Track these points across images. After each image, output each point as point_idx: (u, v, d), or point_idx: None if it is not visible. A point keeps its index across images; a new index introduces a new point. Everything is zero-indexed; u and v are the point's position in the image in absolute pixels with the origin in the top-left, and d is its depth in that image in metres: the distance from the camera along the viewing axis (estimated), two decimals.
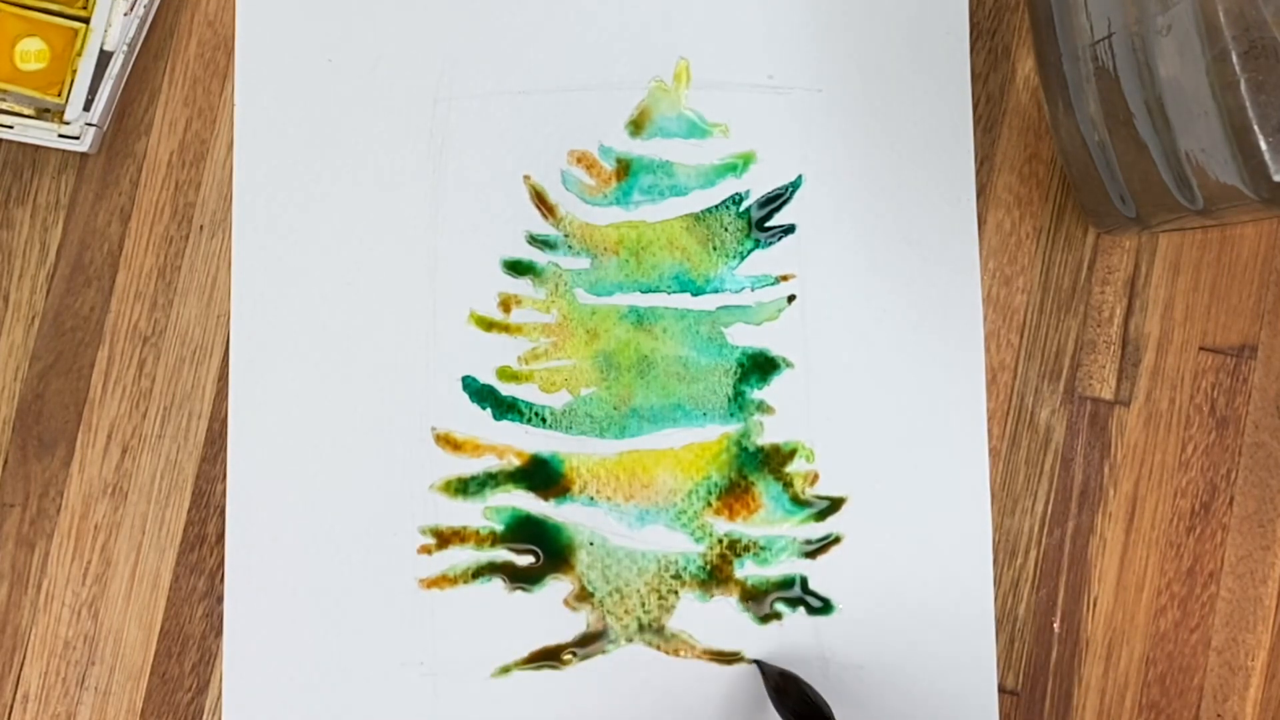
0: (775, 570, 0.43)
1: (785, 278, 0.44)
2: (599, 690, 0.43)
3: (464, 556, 0.43)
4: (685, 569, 0.43)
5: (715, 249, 0.44)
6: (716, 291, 0.44)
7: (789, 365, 0.44)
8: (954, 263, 0.44)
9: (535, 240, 0.44)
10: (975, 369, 0.44)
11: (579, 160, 0.44)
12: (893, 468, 0.43)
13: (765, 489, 0.44)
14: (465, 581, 0.43)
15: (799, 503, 0.43)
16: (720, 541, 0.43)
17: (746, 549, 0.43)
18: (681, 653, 0.43)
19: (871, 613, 0.43)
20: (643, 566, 0.43)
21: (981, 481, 0.43)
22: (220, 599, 0.43)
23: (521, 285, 0.44)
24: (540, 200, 0.44)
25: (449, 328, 0.44)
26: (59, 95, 0.43)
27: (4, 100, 0.43)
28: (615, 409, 0.44)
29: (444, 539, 0.43)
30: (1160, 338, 0.44)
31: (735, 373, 0.44)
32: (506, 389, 0.44)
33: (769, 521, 0.43)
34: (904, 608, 0.43)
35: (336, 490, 0.43)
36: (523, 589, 0.43)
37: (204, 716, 0.43)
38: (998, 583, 0.43)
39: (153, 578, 0.43)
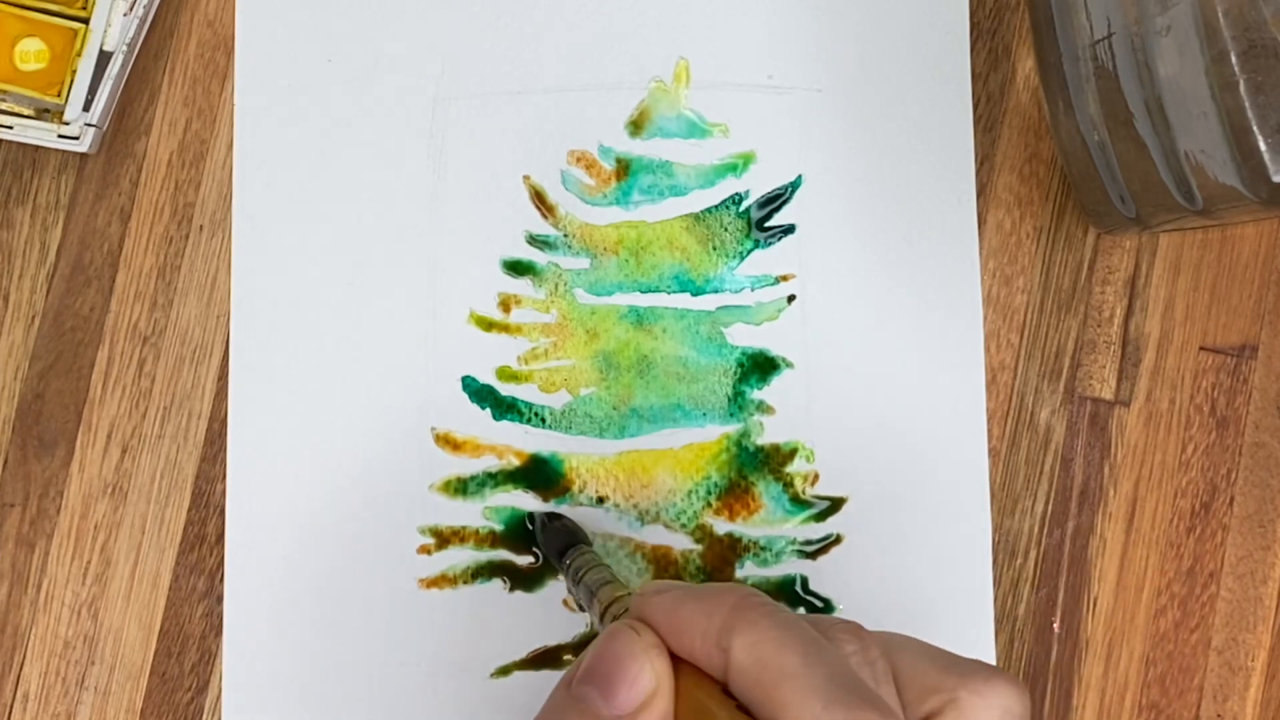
0: (775, 571, 0.43)
1: (785, 278, 0.44)
2: None
3: (464, 556, 0.43)
4: (685, 569, 0.43)
5: (715, 249, 0.44)
6: (716, 291, 0.44)
7: (789, 365, 0.44)
8: (954, 263, 0.44)
9: (535, 240, 0.44)
10: (975, 369, 0.44)
11: (579, 160, 0.44)
12: (893, 468, 0.43)
13: (765, 489, 0.43)
14: (465, 582, 0.43)
15: (799, 503, 0.43)
16: (720, 541, 0.43)
17: (746, 549, 0.43)
18: None
19: (871, 613, 0.43)
20: (643, 567, 0.43)
21: (981, 482, 0.43)
22: (220, 599, 0.43)
23: (521, 285, 0.44)
24: (540, 200, 0.44)
25: (449, 328, 0.44)
26: (59, 95, 0.43)
27: (4, 100, 0.43)
28: (615, 409, 0.44)
29: (444, 539, 0.43)
30: (1160, 338, 0.44)
31: (735, 373, 0.44)
32: (506, 389, 0.44)
33: (769, 522, 0.43)
34: (904, 608, 0.43)
35: (336, 490, 0.43)
36: (522, 589, 0.43)
37: (204, 716, 0.43)
38: (998, 583, 0.43)
39: (153, 578, 0.43)
